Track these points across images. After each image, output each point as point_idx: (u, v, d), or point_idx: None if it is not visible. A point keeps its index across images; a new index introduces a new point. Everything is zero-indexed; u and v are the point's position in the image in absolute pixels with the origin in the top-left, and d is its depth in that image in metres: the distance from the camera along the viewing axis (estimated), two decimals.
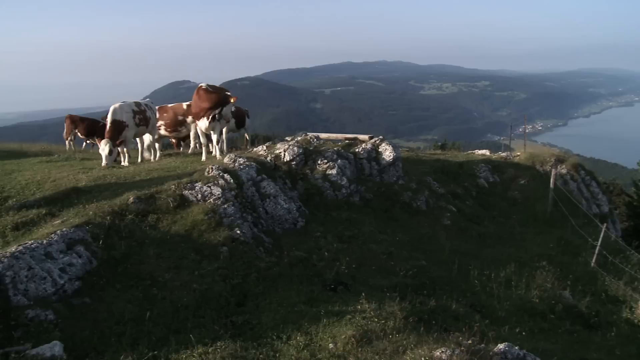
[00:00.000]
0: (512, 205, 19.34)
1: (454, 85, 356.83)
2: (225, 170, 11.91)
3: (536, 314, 10.35)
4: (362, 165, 16.42)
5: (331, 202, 14.03)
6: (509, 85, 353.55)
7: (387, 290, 9.06)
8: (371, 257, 11.06)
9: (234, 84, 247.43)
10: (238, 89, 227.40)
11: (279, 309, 7.88)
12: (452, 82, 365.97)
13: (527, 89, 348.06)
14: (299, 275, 9.33)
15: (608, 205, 23.94)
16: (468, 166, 21.28)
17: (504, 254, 13.74)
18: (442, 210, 16.16)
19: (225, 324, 7.39)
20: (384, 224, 13.94)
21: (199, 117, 15.09)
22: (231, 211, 10.53)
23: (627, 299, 12.28)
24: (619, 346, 9.70)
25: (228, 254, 9.31)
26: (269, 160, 14.19)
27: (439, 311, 8.54)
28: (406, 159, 19.31)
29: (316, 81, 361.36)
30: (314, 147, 15.60)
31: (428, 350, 6.10)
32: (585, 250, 15.15)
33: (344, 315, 7.59)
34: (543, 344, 8.81)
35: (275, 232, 11.54)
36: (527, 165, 22.75)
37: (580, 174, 23.36)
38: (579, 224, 16.87)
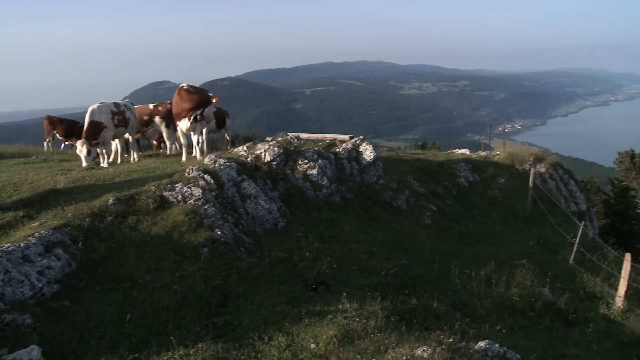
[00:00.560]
0: (492, 204, 19.48)
1: (434, 85, 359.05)
2: (206, 171, 11.86)
3: (516, 312, 10.41)
4: (342, 165, 16.45)
5: (312, 202, 14.03)
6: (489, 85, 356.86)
7: (369, 289, 9.08)
8: (352, 256, 11.08)
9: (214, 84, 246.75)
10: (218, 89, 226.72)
11: (260, 309, 7.87)
12: (432, 82, 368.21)
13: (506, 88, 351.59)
14: (280, 276, 9.33)
15: (586, 203, 24.23)
16: (448, 165, 21.40)
17: (484, 253, 13.83)
18: (422, 210, 16.22)
19: (206, 325, 7.36)
20: (364, 223, 13.97)
21: (180, 118, 15.01)
22: (212, 212, 10.48)
23: (604, 295, 12.42)
24: (596, 341, 9.81)
25: (209, 255, 9.27)
26: (249, 160, 14.15)
27: (420, 310, 8.57)
28: (387, 159, 19.37)
29: (297, 81, 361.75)
30: (294, 148, 15.59)
31: (409, 349, 6.13)
32: (564, 248, 15.29)
33: (325, 315, 7.59)
34: (523, 341, 8.87)
35: (256, 232, 11.51)
36: (506, 165, 22.93)
37: (558, 172, 23.61)
38: (558, 222, 17.04)
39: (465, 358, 6.04)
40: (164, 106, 17.52)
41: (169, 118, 17.21)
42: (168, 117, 17.24)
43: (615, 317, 11.29)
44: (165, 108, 17.42)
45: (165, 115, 17.29)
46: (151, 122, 17.53)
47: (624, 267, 11.78)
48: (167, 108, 17.37)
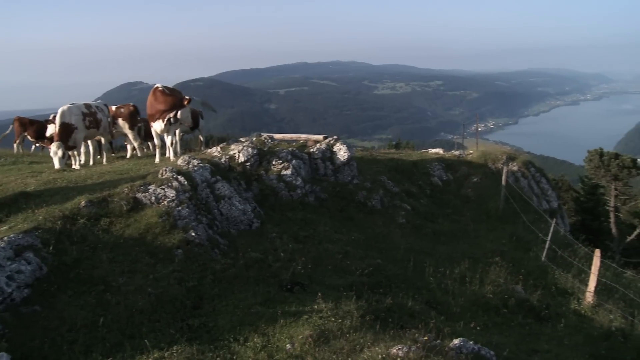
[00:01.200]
0: (465, 203, 19.63)
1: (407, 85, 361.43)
2: (179, 172, 11.77)
3: (490, 309, 10.52)
4: (316, 165, 16.46)
5: (286, 202, 14.02)
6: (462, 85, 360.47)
7: (344, 289, 9.10)
8: (327, 256, 11.08)
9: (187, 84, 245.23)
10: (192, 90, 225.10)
11: (235, 310, 7.83)
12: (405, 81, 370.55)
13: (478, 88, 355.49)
14: (255, 277, 9.30)
15: (557, 201, 24.56)
16: (422, 165, 21.51)
17: (458, 251, 13.95)
18: (396, 209, 16.29)
19: (181, 327, 7.31)
20: (339, 223, 13.99)
21: (154, 119, 14.89)
22: (185, 213, 10.41)
23: (575, 291, 12.63)
24: (567, 336, 9.99)
25: (183, 257, 9.21)
26: (223, 161, 14.08)
27: (395, 309, 8.60)
28: (360, 159, 19.42)
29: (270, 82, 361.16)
30: (268, 148, 15.56)
31: (385, 348, 6.15)
32: (536, 245, 15.49)
33: (300, 315, 7.59)
34: (497, 337, 8.97)
35: (230, 233, 11.46)
36: (479, 163, 23.13)
37: (530, 171, 23.91)
38: (530, 219, 17.25)
39: (440, 356, 6.08)
40: (127, 108, 17.39)
41: (131, 120, 17.09)
42: (131, 119, 17.13)
43: (586, 312, 11.51)
44: (127, 110, 17.29)
45: (128, 118, 17.15)
46: (114, 124, 17.36)
47: (594, 263, 12.00)
48: (130, 110, 17.26)
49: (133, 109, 17.54)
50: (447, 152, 25.97)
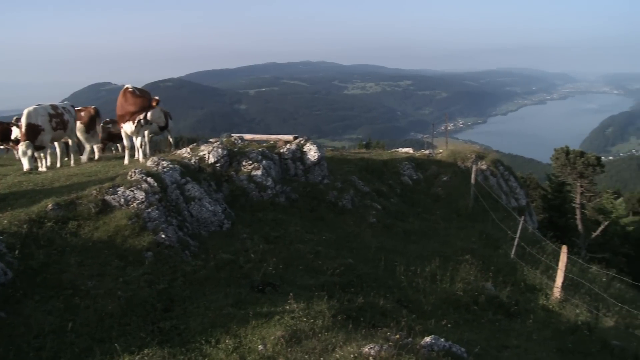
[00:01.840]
0: (435, 202, 19.80)
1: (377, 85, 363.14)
2: (149, 174, 11.65)
3: (461, 306, 10.64)
4: (287, 166, 16.45)
5: (257, 203, 13.99)
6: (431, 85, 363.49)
7: (315, 289, 9.10)
8: (298, 257, 11.09)
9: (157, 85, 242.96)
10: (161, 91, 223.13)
11: (206, 312, 7.78)
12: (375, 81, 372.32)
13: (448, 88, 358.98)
14: (226, 278, 9.25)
15: (525, 199, 24.96)
16: (392, 164, 21.64)
17: (428, 250, 14.06)
18: (367, 209, 16.36)
19: (152, 330, 7.23)
20: (310, 223, 14.00)
21: (124, 120, 14.71)
22: (155, 215, 10.31)
23: (543, 287, 12.85)
24: (536, 331, 10.16)
25: (153, 259, 9.11)
26: (193, 162, 13.99)
27: (366, 308, 8.65)
28: (331, 159, 19.46)
29: (240, 82, 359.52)
30: (238, 149, 15.50)
31: (357, 347, 6.18)
32: (505, 243, 15.71)
33: (272, 316, 7.58)
34: (468, 334, 9.08)
35: (201, 235, 11.40)
36: (449, 162, 23.38)
37: (499, 169, 24.25)
38: (499, 217, 17.48)
39: (412, 354, 6.12)
40: (87, 111, 17.12)
41: (89, 124, 16.85)
42: (89, 122, 16.87)
43: (553, 307, 11.73)
44: (88, 113, 17.03)
45: (87, 121, 16.89)
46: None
47: (561, 259, 12.22)
48: (91, 114, 17.01)
49: (94, 112, 17.26)
50: (417, 152, 26.17)
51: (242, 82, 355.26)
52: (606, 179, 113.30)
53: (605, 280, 14.64)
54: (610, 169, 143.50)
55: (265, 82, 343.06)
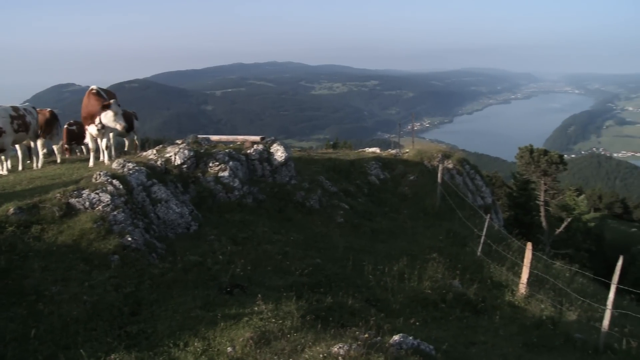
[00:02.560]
0: (402, 201, 19.93)
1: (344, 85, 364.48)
2: (114, 176, 11.50)
3: (429, 304, 10.73)
4: (254, 167, 16.39)
5: (224, 204, 13.92)
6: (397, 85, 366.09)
7: (284, 290, 9.10)
8: (266, 257, 11.06)
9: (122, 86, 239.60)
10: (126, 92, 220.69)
11: (174, 315, 7.72)
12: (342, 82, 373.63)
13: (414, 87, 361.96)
14: (194, 280, 9.18)
15: (491, 197, 25.28)
16: (359, 164, 21.71)
17: (396, 248, 14.15)
18: (335, 209, 16.40)
19: (119, 335, 7.14)
20: (278, 224, 13.98)
21: (88, 122, 14.51)
22: (121, 218, 10.19)
23: (509, 283, 13.03)
24: (502, 327, 10.33)
25: (120, 262, 9.00)
26: (159, 164, 13.85)
27: (335, 308, 8.67)
28: (298, 159, 19.45)
29: (207, 83, 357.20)
30: (205, 150, 15.40)
31: (326, 347, 6.19)
32: (472, 240, 15.86)
33: (241, 317, 7.56)
34: (436, 332, 9.17)
35: (168, 237, 11.29)
36: (415, 162, 23.56)
37: (465, 168, 24.52)
38: (466, 215, 17.67)
39: (381, 352, 6.15)
40: (43, 114, 16.81)
41: (45, 127, 16.54)
42: (45, 126, 16.56)
43: (519, 303, 11.92)
44: (43, 117, 16.72)
45: (42, 124, 16.58)
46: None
47: (526, 256, 12.43)
48: (46, 117, 16.71)
49: (49, 115, 16.95)
50: (384, 151, 26.32)
51: (209, 83, 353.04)
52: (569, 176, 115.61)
53: (568, 276, 14.91)
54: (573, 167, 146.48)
55: (231, 83, 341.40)
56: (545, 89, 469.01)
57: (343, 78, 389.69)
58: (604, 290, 13.16)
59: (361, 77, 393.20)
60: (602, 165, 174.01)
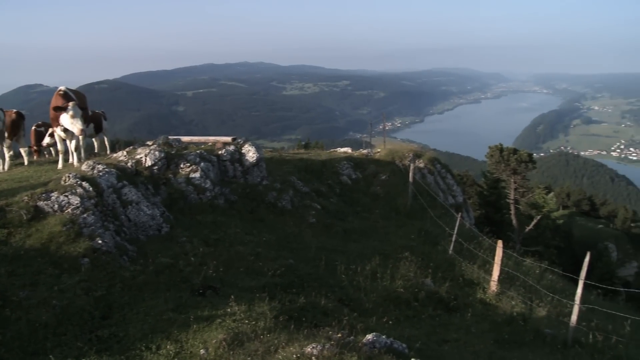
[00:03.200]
0: (374, 200, 20.02)
1: (315, 85, 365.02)
2: (84, 178, 11.35)
3: (401, 303, 10.80)
4: (225, 167, 16.32)
5: (196, 205, 13.83)
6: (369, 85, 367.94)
7: (256, 290, 9.09)
8: (239, 258, 11.02)
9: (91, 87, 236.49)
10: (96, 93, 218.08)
11: (146, 318, 7.64)
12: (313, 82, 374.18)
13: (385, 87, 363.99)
14: (166, 282, 9.11)
15: (462, 196, 25.53)
16: (331, 164, 21.75)
17: (368, 248, 14.21)
18: (307, 209, 16.42)
19: (89, 339, 7.04)
20: (250, 225, 13.95)
21: (56, 124, 14.25)
22: (91, 220, 10.06)
23: (481, 281, 13.19)
24: (474, 324, 10.46)
25: (90, 266, 8.88)
26: (130, 165, 13.71)
27: (308, 308, 8.68)
28: (270, 160, 19.44)
29: (178, 83, 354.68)
30: (176, 151, 15.29)
31: (299, 347, 6.19)
32: (444, 239, 16.02)
33: (214, 319, 7.52)
34: (408, 330, 9.23)
35: (139, 239, 11.18)
36: (387, 161, 23.68)
37: (436, 167, 24.72)
38: (437, 214, 17.83)
39: (354, 352, 6.17)
40: (9, 115, 16.50)
41: (12, 129, 16.21)
42: (11, 127, 16.23)
43: (491, 300, 12.08)
44: (10, 118, 16.40)
45: (9, 126, 16.25)
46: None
47: (497, 254, 12.59)
48: (12, 118, 16.40)
49: (16, 116, 16.63)
50: (355, 151, 26.40)
51: (180, 84, 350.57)
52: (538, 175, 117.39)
53: (538, 272, 15.14)
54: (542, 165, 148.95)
55: (203, 84, 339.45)
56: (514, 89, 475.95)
57: (314, 78, 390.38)
58: (572, 286, 13.42)
59: (333, 77, 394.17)
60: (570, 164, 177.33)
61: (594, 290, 14.67)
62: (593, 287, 12.80)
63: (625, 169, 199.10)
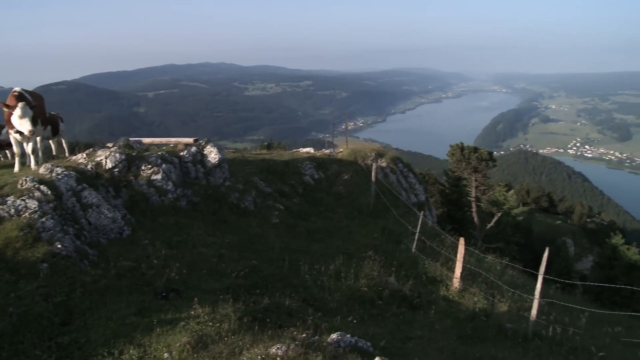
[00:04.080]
0: (337, 200, 20.08)
1: (277, 86, 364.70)
2: (42, 182, 11.12)
3: (365, 302, 10.85)
4: (187, 169, 16.18)
5: (157, 207, 13.67)
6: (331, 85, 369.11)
7: (220, 292, 9.04)
8: (202, 260, 10.94)
9: (49, 88, 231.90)
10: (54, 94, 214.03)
11: (108, 323, 7.53)
12: (275, 82, 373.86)
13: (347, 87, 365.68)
14: (128, 286, 8.99)
15: (424, 194, 25.77)
16: (294, 164, 21.75)
17: (332, 248, 14.23)
18: (270, 209, 16.38)
19: (49, 347, 6.89)
20: (213, 226, 13.85)
21: (11, 126, 13.92)
22: (50, 225, 9.86)
23: (444, 278, 13.34)
24: (438, 321, 10.57)
25: (49, 271, 8.69)
26: (89, 168, 13.48)
27: (272, 309, 8.66)
28: (232, 161, 19.33)
29: (139, 84, 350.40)
30: (137, 153, 15.09)
31: (264, 349, 6.18)
32: (407, 238, 16.14)
33: (177, 322, 7.45)
34: (373, 329, 9.27)
35: (100, 243, 11.00)
36: (349, 161, 23.78)
37: (398, 166, 24.91)
38: (400, 213, 17.96)
39: (319, 351, 6.19)
40: None
41: None
42: None
43: (454, 297, 12.23)
44: None
45: None
46: None
47: (459, 251, 12.76)
48: None
49: None
50: (318, 151, 26.47)
51: (141, 85, 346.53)
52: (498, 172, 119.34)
53: (499, 269, 15.41)
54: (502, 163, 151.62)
55: (164, 84, 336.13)
56: (474, 88, 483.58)
57: (277, 79, 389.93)
58: (532, 281, 13.68)
59: (295, 78, 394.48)
60: (529, 162, 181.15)
61: (553, 285, 14.99)
62: (552, 282, 13.10)
63: (581, 166, 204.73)
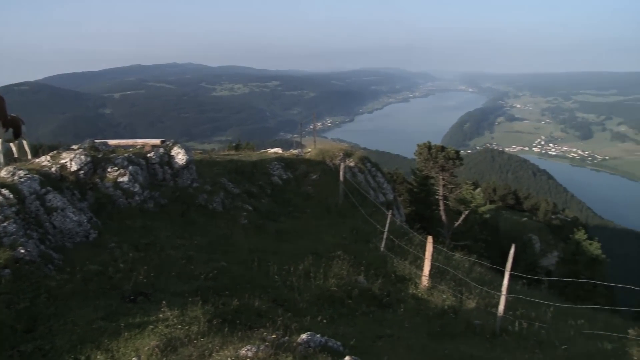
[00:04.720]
0: (306, 200, 20.09)
1: (245, 86, 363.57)
2: (3, 185, 10.89)
3: (335, 301, 10.89)
4: (154, 171, 16.02)
5: (124, 210, 13.51)
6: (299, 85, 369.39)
7: (189, 295, 8.97)
8: (170, 263, 10.86)
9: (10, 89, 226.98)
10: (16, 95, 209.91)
11: (75, 328, 7.41)
12: (243, 82, 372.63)
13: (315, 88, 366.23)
14: (95, 290, 8.87)
15: (393, 193, 25.91)
16: (262, 165, 21.69)
17: (301, 248, 14.24)
18: (238, 210, 16.33)
19: (10, 355, 6.73)
20: (181, 228, 13.75)
21: None
22: (12, 229, 9.67)
23: (413, 277, 13.46)
24: (407, 319, 10.69)
25: (12, 277, 8.51)
26: (54, 171, 13.24)
27: (242, 310, 8.64)
28: (200, 162, 19.19)
29: (104, 85, 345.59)
30: (102, 155, 14.88)
31: (234, 350, 6.17)
32: (375, 237, 16.23)
33: (146, 326, 7.38)
34: (343, 328, 9.31)
35: (65, 247, 10.83)
36: (318, 161, 23.79)
37: (366, 166, 24.99)
38: (368, 212, 18.05)
39: (289, 352, 6.20)
40: None
41: None
42: None
43: (422, 295, 12.36)
44: None
45: None
46: None
47: (427, 249, 12.88)
48: None
49: None
50: (286, 152, 26.43)
51: (107, 85, 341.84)
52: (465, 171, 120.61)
53: (467, 266, 15.60)
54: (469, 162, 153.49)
55: (130, 85, 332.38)
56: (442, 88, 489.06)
57: (244, 79, 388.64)
58: (499, 278, 13.86)
59: (262, 78, 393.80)
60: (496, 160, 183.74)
61: (519, 281, 15.22)
62: (518, 278, 13.29)
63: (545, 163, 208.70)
